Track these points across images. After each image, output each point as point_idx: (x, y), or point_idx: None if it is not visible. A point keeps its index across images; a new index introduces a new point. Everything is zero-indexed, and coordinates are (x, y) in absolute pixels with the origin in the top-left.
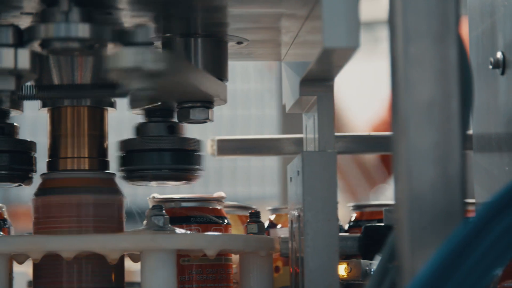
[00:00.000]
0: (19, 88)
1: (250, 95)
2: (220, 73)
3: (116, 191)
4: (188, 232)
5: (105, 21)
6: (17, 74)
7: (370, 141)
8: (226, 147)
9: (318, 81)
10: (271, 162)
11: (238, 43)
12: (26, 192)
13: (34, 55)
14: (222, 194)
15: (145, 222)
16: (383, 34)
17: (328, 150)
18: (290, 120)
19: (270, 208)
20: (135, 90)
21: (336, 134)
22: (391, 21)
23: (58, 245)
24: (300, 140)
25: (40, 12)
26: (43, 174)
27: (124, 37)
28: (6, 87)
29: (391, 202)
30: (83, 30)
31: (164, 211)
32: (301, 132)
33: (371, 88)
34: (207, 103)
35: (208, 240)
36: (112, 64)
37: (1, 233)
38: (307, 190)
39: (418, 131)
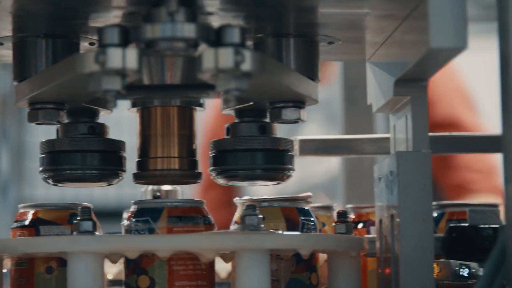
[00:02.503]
0: (124, 88)
1: None
2: (312, 73)
3: None
4: (280, 232)
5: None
6: (123, 74)
7: (463, 141)
8: (308, 147)
9: (412, 81)
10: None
11: (330, 43)
12: (39, 192)
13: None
14: (309, 193)
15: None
16: None
17: (422, 150)
18: (352, 120)
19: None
20: (231, 90)
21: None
22: (502, 20)
23: (154, 245)
24: (380, 140)
25: (145, 12)
26: (135, 173)
27: (219, 37)
28: (112, 87)
29: (474, 202)
30: (189, 30)
31: (258, 211)
32: (364, 132)
33: None
34: (299, 103)
35: (302, 240)
36: (210, 64)
37: (97, 232)
38: (402, 190)
39: None
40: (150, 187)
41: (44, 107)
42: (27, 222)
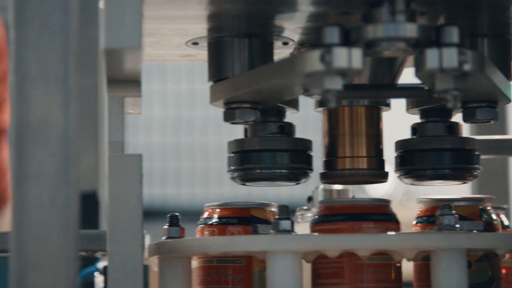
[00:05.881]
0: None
1: None
2: (507, 72)
3: None
4: (475, 231)
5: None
6: (344, 74)
7: None
8: (483, 148)
9: None
10: None
11: None
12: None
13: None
14: (490, 195)
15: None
16: None
17: None
18: None
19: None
20: (450, 90)
21: None
22: None
23: (356, 244)
24: None
25: (363, 12)
26: (322, 173)
27: (439, 37)
28: (334, 87)
29: None
30: (411, 30)
31: (454, 211)
32: (495, 133)
33: None
34: (492, 102)
35: (502, 240)
36: (434, 64)
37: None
38: None
39: None
40: (322, 186)
41: (240, 107)
42: (214, 221)
